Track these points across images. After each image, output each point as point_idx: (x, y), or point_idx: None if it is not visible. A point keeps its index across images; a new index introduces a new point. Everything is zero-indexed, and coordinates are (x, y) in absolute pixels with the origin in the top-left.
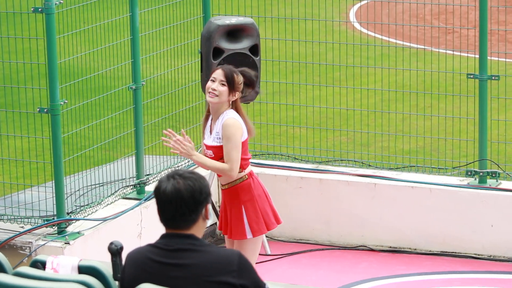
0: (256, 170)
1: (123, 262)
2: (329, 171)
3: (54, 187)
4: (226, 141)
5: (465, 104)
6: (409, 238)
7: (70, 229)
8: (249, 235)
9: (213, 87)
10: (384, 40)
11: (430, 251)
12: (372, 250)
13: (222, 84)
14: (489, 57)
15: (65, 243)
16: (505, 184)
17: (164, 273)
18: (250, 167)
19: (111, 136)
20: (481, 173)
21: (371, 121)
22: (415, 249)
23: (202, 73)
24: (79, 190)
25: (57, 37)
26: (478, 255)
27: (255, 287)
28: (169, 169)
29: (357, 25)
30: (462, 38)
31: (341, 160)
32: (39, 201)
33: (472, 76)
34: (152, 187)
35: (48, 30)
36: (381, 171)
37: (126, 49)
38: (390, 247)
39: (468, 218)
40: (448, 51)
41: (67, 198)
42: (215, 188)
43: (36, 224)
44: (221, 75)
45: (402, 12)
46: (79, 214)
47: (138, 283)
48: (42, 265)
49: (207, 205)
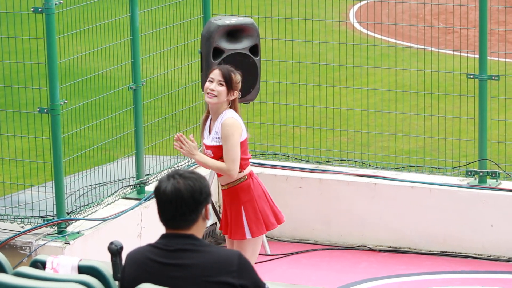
0: (256, 170)
1: (123, 262)
2: (329, 171)
3: (54, 187)
4: (225, 141)
5: (465, 104)
6: (409, 238)
7: (70, 229)
8: (248, 236)
9: (212, 88)
10: (384, 40)
11: (430, 251)
12: (372, 250)
13: (220, 84)
14: (489, 57)
15: (65, 243)
16: (505, 184)
17: (164, 273)
18: (250, 168)
19: (111, 136)
20: (481, 173)
21: (371, 121)
22: (415, 249)
23: (202, 73)
24: (79, 190)
25: (57, 37)
26: (478, 255)
27: (255, 287)
28: (169, 169)
29: (357, 25)
30: (462, 38)
31: (341, 160)
32: (39, 201)
33: (472, 76)
34: (152, 187)
35: (48, 30)
36: (381, 171)
37: (126, 49)
38: (390, 247)
39: (468, 218)
40: (448, 51)
41: (67, 198)
42: (215, 188)
43: (36, 224)
44: (219, 75)
45: (402, 12)
46: (79, 214)
47: (138, 283)
48: (42, 265)
49: (207, 205)
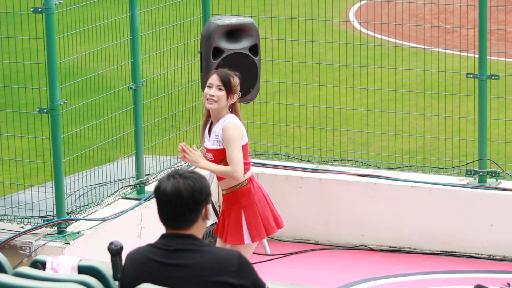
0: (256, 170)
1: (123, 262)
2: (329, 171)
3: (54, 187)
4: (227, 145)
5: (465, 104)
6: (409, 238)
7: (70, 229)
8: (247, 241)
9: (211, 93)
10: (384, 40)
11: (430, 251)
12: (372, 250)
13: (220, 89)
14: (489, 57)
15: (65, 243)
16: (505, 184)
17: (164, 273)
18: (251, 172)
19: (111, 136)
20: (481, 173)
21: (371, 121)
22: (415, 249)
23: (202, 73)
24: (79, 190)
25: (57, 37)
26: (478, 255)
27: (255, 287)
28: (169, 169)
29: (357, 25)
30: (462, 38)
31: (341, 160)
32: (39, 201)
33: (472, 76)
34: (152, 187)
35: (48, 30)
36: (381, 171)
37: (126, 49)
38: (390, 247)
39: (468, 218)
40: (448, 51)
41: (67, 198)
42: (215, 188)
43: (36, 224)
44: (217, 80)
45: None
46: (79, 214)
47: (138, 283)
48: (42, 265)
49: (207, 205)
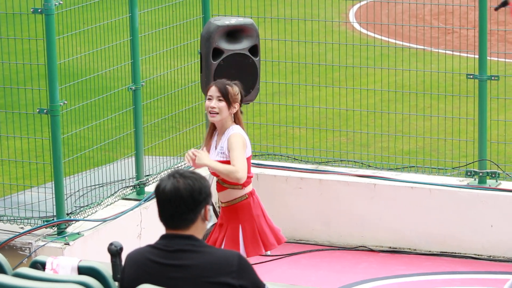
0: (256, 171)
1: (123, 263)
2: (329, 172)
3: (54, 188)
4: (232, 149)
5: (465, 105)
6: (409, 239)
7: (70, 230)
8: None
9: (212, 105)
10: (384, 41)
11: (430, 252)
12: (372, 251)
13: (220, 100)
14: (489, 57)
15: (65, 244)
16: (505, 185)
17: (164, 274)
18: (252, 186)
19: (111, 137)
20: (481, 174)
21: (371, 122)
22: (415, 250)
23: (202, 74)
24: (79, 191)
25: (57, 38)
26: (478, 256)
27: None
28: (169, 170)
29: (357, 26)
30: (462, 38)
31: (341, 161)
32: (39, 202)
33: (472, 76)
34: (152, 188)
35: (48, 31)
36: (381, 172)
37: (126, 50)
38: (390, 248)
39: (468, 219)
40: (448, 51)
41: (67, 199)
42: (216, 189)
43: (36, 225)
44: (216, 92)
45: (402, 13)
46: (79, 215)
47: (138, 284)
48: (42, 266)
49: (207, 206)
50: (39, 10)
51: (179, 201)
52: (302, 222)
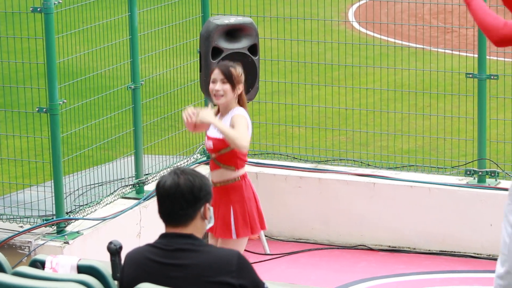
0: (255, 170)
1: (122, 262)
2: (328, 171)
3: (53, 187)
4: (236, 126)
5: (464, 104)
6: (408, 238)
7: (69, 229)
8: (234, 236)
9: (216, 88)
10: (383, 40)
11: (429, 251)
12: (371, 250)
13: (224, 82)
14: (488, 57)
15: (64, 243)
16: (504, 184)
17: (164, 273)
18: (245, 170)
19: (110, 136)
20: (480, 173)
21: (370, 121)
22: (414, 249)
23: (201, 73)
24: (78, 190)
25: (56, 37)
26: (477, 255)
27: (254, 287)
28: (168, 169)
29: (356, 25)
30: (461, 38)
31: (340, 160)
32: (38, 201)
33: (471, 76)
34: (151, 187)
35: (47, 30)
36: (380, 171)
37: (125, 49)
38: (389, 247)
39: (467, 218)
40: (447, 51)
41: (66, 198)
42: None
43: (35, 224)
44: (220, 74)
45: (401, 12)
46: (78, 214)
47: (137, 283)
48: (41, 265)
49: (206, 204)
50: (38, 9)
51: (179, 196)
52: (302, 221)
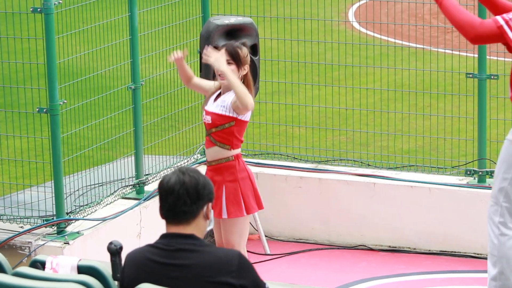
0: (255, 170)
1: (123, 262)
2: (328, 171)
3: (54, 187)
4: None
5: (464, 104)
6: (409, 238)
7: (70, 229)
8: (224, 215)
9: None
10: (383, 40)
11: (430, 251)
12: (372, 250)
13: (229, 63)
14: (488, 57)
15: (65, 243)
16: None
17: (164, 274)
18: (240, 150)
19: (111, 136)
20: (480, 173)
21: (370, 121)
22: (415, 249)
23: (201, 73)
24: (79, 190)
25: (56, 37)
26: (478, 255)
27: (255, 287)
28: (169, 169)
29: (356, 25)
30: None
31: (340, 160)
32: (39, 201)
33: (471, 76)
34: (152, 187)
35: (47, 30)
36: (380, 171)
37: (125, 49)
38: (390, 247)
39: (468, 218)
40: (447, 51)
41: (67, 198)
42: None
43: (36, 224)
44: (226, 55)
45: (401, 12)
46: (79, 214)
47: (138, 283)
48: (42, 265)
49: (209, 204)
50: (39, 9)
51: (184, 192)
52: (302, 221)
